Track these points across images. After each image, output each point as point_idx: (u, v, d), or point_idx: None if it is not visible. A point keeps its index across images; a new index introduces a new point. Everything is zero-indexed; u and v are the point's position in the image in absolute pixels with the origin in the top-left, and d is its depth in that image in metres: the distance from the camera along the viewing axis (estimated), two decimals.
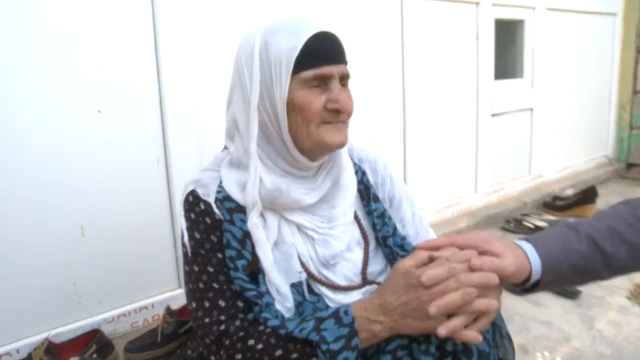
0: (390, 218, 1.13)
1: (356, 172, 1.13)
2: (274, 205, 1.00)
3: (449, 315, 0.86)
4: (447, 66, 2.67)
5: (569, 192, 3.21)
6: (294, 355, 0.88)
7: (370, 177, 1.16)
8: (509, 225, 2.79)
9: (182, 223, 1.02)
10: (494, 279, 0.87)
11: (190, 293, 0.98)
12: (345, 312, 0.90)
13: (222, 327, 0.92)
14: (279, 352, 0.88)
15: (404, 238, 1.12)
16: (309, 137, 0.96)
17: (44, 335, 1.52)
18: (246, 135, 0.98)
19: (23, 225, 1.49)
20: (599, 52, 3.78)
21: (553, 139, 3.47)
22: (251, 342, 0.89)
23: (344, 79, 0.99)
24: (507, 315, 1.91)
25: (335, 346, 0.86)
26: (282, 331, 0.89)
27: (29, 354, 1.45)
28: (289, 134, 0.96)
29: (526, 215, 2.83)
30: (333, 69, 0.95)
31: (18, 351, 1.50)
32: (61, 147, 1.52)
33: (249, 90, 0.96)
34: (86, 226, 1.59)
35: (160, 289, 1.76)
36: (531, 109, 3.24)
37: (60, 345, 1.51)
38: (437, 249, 0.93)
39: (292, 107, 0.95)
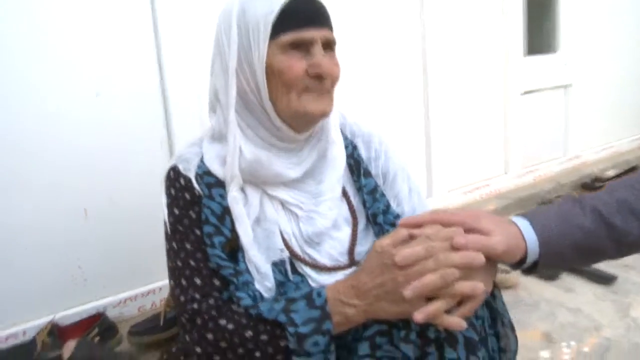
0: (383, 195, 1.05)
1: (347, 147, 1.06)
2: (255, 179, 0.95)
3: (429, 299, 0.77)
4: (470, 42, 2.54)
5: (610, 172, 3.02)
6: (264, 337, 0.83)
7: (363, 152, 1.08)
8: None
9: (162, 200, 0.99)
10: (479, 258, 0.77)
11: (170, 271, 0.95)
12: (319, 294, 0.84)
13: (196, 305, 0.88)
14: (249, 333, 0.83)
15: (397, 216, 1.04)
16: (290, 106, 0.91)
17: (50, 317, 1.52)
18: (225, 105, 0.93)
19: (26, 209, 1.48)
20: None
21: (592, 117, 3.27)
22: (223, 321, 0.85)
23: (328, 44, 0.93)
24: (533, 301, 1.81)
25: (304, 329, 0.80)
26: (254, 311, 0.84)
27: (34, 336, 1.45)
28: (269, 102, 0.92)
29: (560, 197, 2.68)
30: (314, 33, 0.90)
31: (25, 333, 1.51)
32: (61, 131, 1.51)
33: (227, 57, 0.92)
34: (89, 209, 1.58)
35: (166, 273, 1.72)
36: (566, 86, 3.06)
37: (64, 327, 1.51)
38: (419, 226, 0.84)
39: (272, 72, 0.90)
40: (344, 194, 1.04)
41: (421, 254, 0.77)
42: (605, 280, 1.90)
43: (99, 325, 1.50)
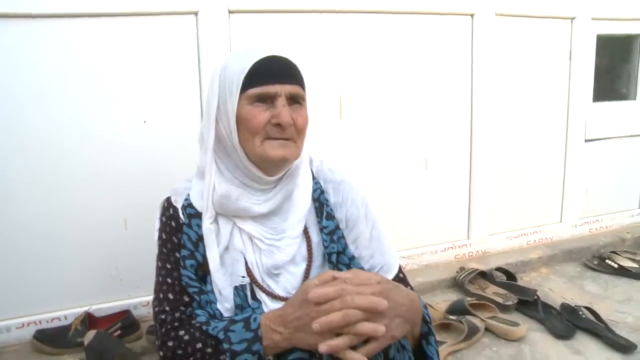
0: (342, 237, 1.17)
1: (315, 190, 1.19)
2: (226, 212, 1.11)
3: (338, 335, 0.88)
4: (526, 86, 2.50)
5: None
6: (209, 350, 0.98)
7: (331, 197, 1.20)
8: (592, 263, 2.52)
9: (156, 224, 1.19)
10: (382, 304, 0.87)
11: (155, 285, 1.14)
12: (254, 319, 0.98)
13: (163, 316, 1.06)
14: (199, 345, 0.99)
15: (352, 258, 1.15)
16: (254, 150, 1.06)
17: (88, 308, 1.80)
18: (206, 147, 1.10)
19: (75, 216, 1.79)
20: None
21: None
22: (181, 332, 1.02)
23: (294, 98, 1.07)
24: (535, 359, 1.78)
25: (237, 347, 0.95)
26: (205, 327, 1.00)
27: (71, 322, 1.74)
28: (240, 146, 1.07)
29: (615, 253, 2.53)
30: (277, 88, 1.04)
31: (66, 317, 1.81)
32: (112, 152, 1.80)
33: (209, 106, 1.10)
34: (129, 220, 1.85)
35: None
36: None
37: (95, 318, 1.78)
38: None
39: (240, 120, 1.05)
40: (306, 233, 1.16)
41: (331, 294, 0.89)
42: (624, 348, 1.80)
43: (122, 321, 1.76)
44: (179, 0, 1.79)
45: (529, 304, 2.06)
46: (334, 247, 1.14)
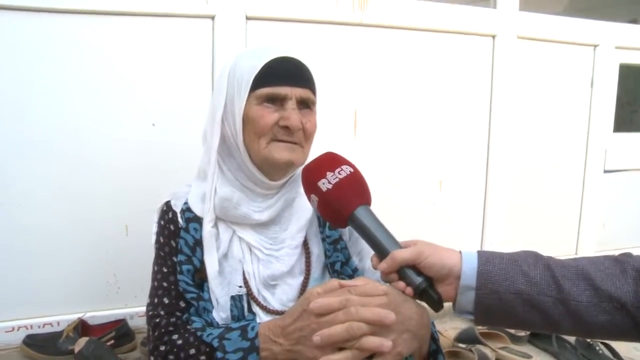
0: (345, 248, 1.13)
1: None
2: (225, 217, 1.06)
3: (342, 349, 0.81)
4: (546, 112, 2.44)
5: None
6: (202, 357, 0.92)
7: None
8: None
9: (153, 227, 1.14)
10: (389, 317, 0.79)
11: (150, 289, 1.09)
12: (252, 328, 0.92)
13: (158, 319, 1.01)
14: (192, 351, 0.93)
15: (355, 269, 1.11)
16: (259, 152, 1.02)
17: (81, 314, 1.73)
18: (210, 147, 1.07)
19: (77, 218, 1.73)
20: None
21: None
22: (175, 336, 0.97)
23: (304, 102, 1.04)
24: None
25: (232, 356, 0.89)
26: (199, 333, 0.95)
27: (64, 329, 1.67)
28: (244, 146, 1.03)
29: None
30: (287, 90, 1.01)
31: (59, 323, 1.73)
32: (119, 154, 1.75)
33: (216, 105, 1.06)
34: (130, 226, 1.79)
35: None
36: None
37: (89, 326, 1.71)
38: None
39: (247, 120, 1.02)
40: (305, 245, 1.11)
41: (334, 305, 0.82)
42: None
43: (116, 330, 1.68)
44: (196, 4, 1.76)
45: (542, 337, 1.96)
46: (337, 256, 1.10)
